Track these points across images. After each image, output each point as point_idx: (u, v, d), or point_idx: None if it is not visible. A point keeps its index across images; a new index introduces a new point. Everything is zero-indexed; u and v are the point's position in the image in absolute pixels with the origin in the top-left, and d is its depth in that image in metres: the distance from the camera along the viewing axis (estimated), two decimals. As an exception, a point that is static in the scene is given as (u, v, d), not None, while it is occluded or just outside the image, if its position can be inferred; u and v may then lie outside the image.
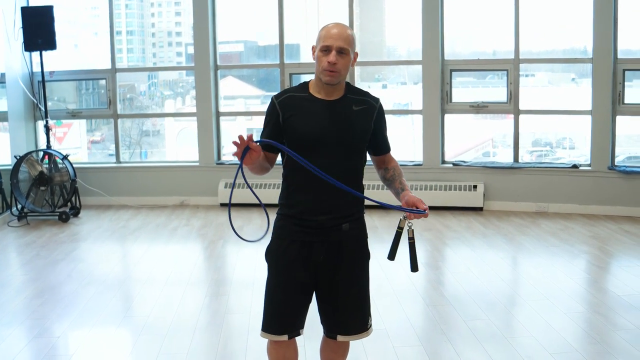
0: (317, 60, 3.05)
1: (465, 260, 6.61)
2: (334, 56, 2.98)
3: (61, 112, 9.76)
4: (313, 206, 3.09)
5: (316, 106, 3.09)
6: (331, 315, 3.24)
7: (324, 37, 3.02)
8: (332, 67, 2.99)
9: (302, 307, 3.19)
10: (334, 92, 3.10)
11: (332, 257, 3.14)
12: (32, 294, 5.75)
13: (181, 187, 9.40)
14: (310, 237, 3.11)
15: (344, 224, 3.13)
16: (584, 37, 8.54)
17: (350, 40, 3.03)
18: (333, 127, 3.05)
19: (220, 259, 7.06)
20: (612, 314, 5.06)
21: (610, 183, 8.33)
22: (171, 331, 4.88)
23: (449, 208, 8.61)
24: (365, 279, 3.27)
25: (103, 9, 9.74)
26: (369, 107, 3.15)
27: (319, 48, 3.03)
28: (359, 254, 3.25)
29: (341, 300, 3.19)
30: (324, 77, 3.03)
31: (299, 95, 3.13)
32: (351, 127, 3.07)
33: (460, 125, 9.33)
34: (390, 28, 10.00)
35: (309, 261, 3.12)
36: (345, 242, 3.16)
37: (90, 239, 7.74)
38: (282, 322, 3.15)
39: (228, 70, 9.83)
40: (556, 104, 9.05)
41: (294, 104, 3.10)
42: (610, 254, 6.81)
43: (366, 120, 3.13)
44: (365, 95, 3.19)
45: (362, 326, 3.25)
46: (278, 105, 3.10)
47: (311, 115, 3.07)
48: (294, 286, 3.12)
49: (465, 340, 4.63)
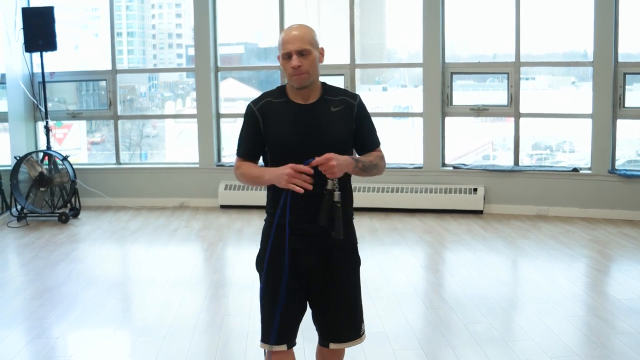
0: (283, 67, 3.01)
1: (465, 263, 6.60)
2: (296, 60, 2.94)
3: (61, 113, 9.75)
4: (301, 213, 3.01)
5: (294, 111, 3.04)
6: (323, 323, 3.20)
7: (283, 43, 2.99)
8: (298, 70, 2.95)
9: (297, 316, 3.16)
10: (311, 95, 3.06)
11: (321, 264, 3.10)
12: (31, 295, 5.74)
13: (181, 188, 9.39)
14: (299, 244, 3.06)
15: (332, 231, 3.02)
16: (584, 40, 8.55)
17: (309, 39, 2.99)
18: (313, 131, 3.01)
19: (220, 260, 7.05)
20: (612, 317, 5.05)
21: (611, 187, 8.32)
22: (170, 333, 4.87)
23: (449, 211, 8.60)
24: (356, 286, 3.22)
25: (103, 10, 9.74)
26: (347, 106, 3.09)
27: (282, 56, 3.00)
28: (349, 261, 3.20)
29: (332, 308, 3.15)
30: (294, 82, 2.99)
31: (277, 100, 3.08)
32: (332, 129, 3.03)
33: (460, 128, 9.33)
34: (391, 31, 10.00)
35: (298, 269, 3.08)
36: (334, 249, 3.10)
37: (90, 240, 7.73)
38: (280, 332, 3.09)
39: (228, 72, 9.83)
40: (556, 107, 9.04)
41: (272, 110, 3.06)
42: (610, 257, 6.80)
43: (347, 120, 3.07)
44: (343, 94, 3.13)
45: (354, 333, 3.21)
46: (257, 111, 3.07)
47: (291, 121, 3.02)
48: (286, 295, 3.05)
49: (465, 344, 4.62)
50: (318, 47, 3.04)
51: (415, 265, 6.62)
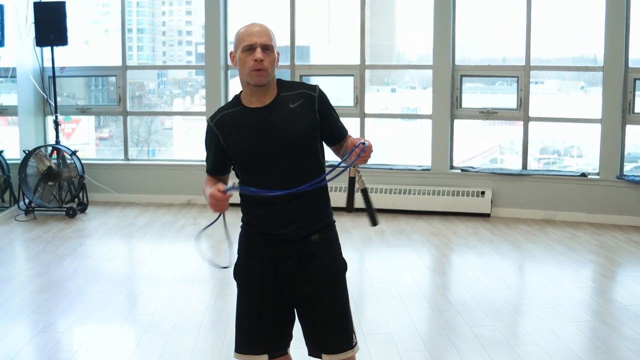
0: (241, 63, 2.83)
1: (471, 266, 6.59)
2: (260, 53, 2.77)
3: (70, 107, 9.77)
4: (275, 217, 2.89)
5: (252, 118, 2.87)
6: (311, 334, 2.98)
7: (245, 35, 2.81)
8: (260, 65, 2.78)
9: (278, 326, 3.01)
10: (266, 95, 2.89)
11: (303, 272, 2.93)
12: (37, 289, 5.76)
13: (189, 186, 9.38)
14: (278, 252, 2.93)
15: (313, 235, 2.92)
16: (594, 45, 8.53)
17: (272, 37, 2.84)
18: (274, 135, 2.83)
19: (226, 258, 7.04)
20: (618, 323, 5.04)
21: (619, 192, 8.30)
22: (176, 330, 4.88)
23: (456, 214, 8.59)
24: (343, 293, 3.01)
25: (114, 6, 9.76)
26: (307, 99, 2.90)
27: (241, 49, 2.81)
28: (333, 267, 2.99)
29: (320, 318, 2.94)
30: (252, 79, 2.81)
31: (232, 110, 2.93)
32: (293, 127, 2.84)
33: (468, 130, 9.32)
34: (401, 32, 9.99)
35: (279, 278, 2.95)
36: (316, 255, 2.93)
37: (97, 235, 7.75)
38: (255, 341, 3.01)
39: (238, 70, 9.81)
40: (565, 111, 9.02)
41: (229, 122, 2.91)
42: (617, 263, 6.79)
43: (308, 114, 2.88)
44: (300, 87, 2.95)
45: (346, 344, 2.96)
46: (215, 127, 2.94)
47: (249, 130, 2.86)
48: (264, 305, 2.96)
49: (470, 347, 4.62)
50: (277, 50, 2.89)
51: (421, 267, 6.62)
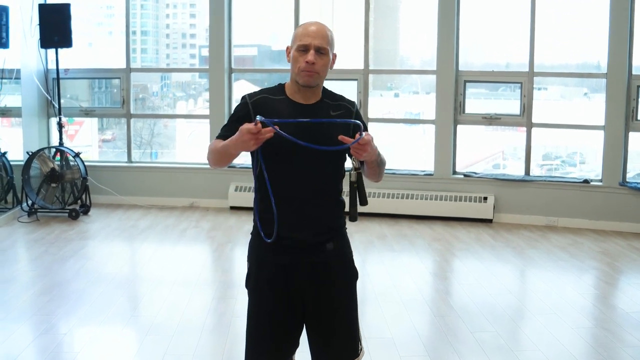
0: (293, 60, 2.81)
1: (473, 271, 6.60)
2: (312, 55, 2.76)
3: (74, 109, 9.79)
4: (293, 221, 2.81)
5: (295, 110, 2.84)
6: (321, 344, 2.94)
7: (301, 35, 2.80)
8: (310, 68, 2.77)
9: (289, 335, 2.94)
10: (312, 96, 2.88)
11: (317, 281, 2.89)
12: (39, 290, 5.77)
13: (191, 189, 9.40)
14: (292, 259, 2.86)
15: (327, 242, 2.89)
16: (598, 52, 8.53)
17: (330, 40, 2.82)
18: (312, 133, 2.76)
19: (229, 261, 7.07)
20: (620, 330, 5.04)
21: (621, 199, 8.30)
22: (178, 332, 4.89)
23: (458, 219, 8.58)
24: (354, 302, 2.99)
25: (118, 9, 9.79)
26: (346, 112, 2.92)
27: (295, 47, 2.80)
28: (347, 276, 2.98)
29: (330, 327, 2.92)
30: (301, 79, 2.80)
31: (276, 98, 2.88)
32: (331, 133, 2.78)
33: (471, 136, 9.32)
34: (405, 37, 10.00)
35: (290, 287, 2.88)
36: (330, 263, 2.90)
37: (100, 237, 7.76)
38: (266, 352, 2.92)
39: (241, 73, 9.84)
40: (568, 118, 9.03)
41: (268, 107, 2.83)
42: (619, 270, 6.78)
43: (345, 126, 2.86)
44: (342, 100, 2.97)
45: (353, 353, 2.95)
46: (251, 105, 2.87)
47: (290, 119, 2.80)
48: (276, 315, 2.88)
49: (471, 352, 4.62)
50: (333, 51, 2.88)
51: (423, 272, 6.62)
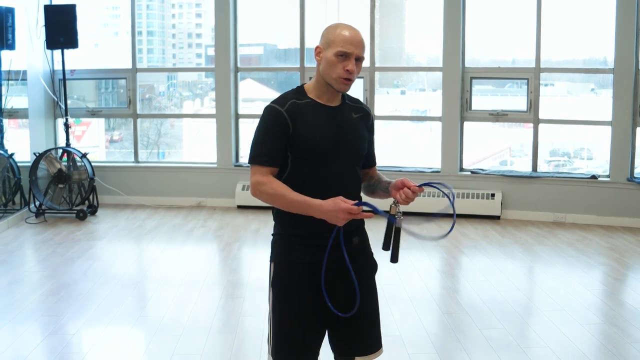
0: (330, 64, 2.78)
1: (481, 268, 6.59)
2: (352, 64, 2.77)
3: (81, 110, 9.82)
4: (323, 221, 2.75)
5: (322, 113, 2.84)
6: (349, 338, 2.94)
7: (343, 41, 2.77)
8: (350, 76, 2.78)
9: (316, 334, 2.94)
10: (335, 98, 2.89)
11: (343, 275, 2.87)
12: (48, 291, 5.78)
13: (199, 188, 9.41)
14: (318, 256, 2.82)
15: (353, 238, 2.90)
16: (605, 47, 8.50)
17: (364, 48, 2.84)
18: (341, 135, 2.84)
19: (236, 261, 7.07)
20: (628, 326, 5.02)
21: (629, 195, 8.26)
22: (186, 332, 4.89)
23: (466, 216, 8.57)
24: (376, 293, 3.04)
25: (124, 9, 9.80)
26: (365, 115, 2.98)
27: (335, 52, 2.77)
28: (370, 268, 3.02)
29: (357, 321, 2.91)
30: (337, 85, 2.80)
31: (302, 102, 2.84)
32: (356, 136, 2.89)
33: (478, 133, 9.30)
34: (410, 34, 9.98)
35: (317, 284, 2.86)
36: (355, 258, 2.88)
37: (107, 237, 7.78)
38: (295, 353, 2.95)
39: (247, 72, 9.84)
40: (575, 113, 8.99)
41: (299, 112, 2.81)
42: (627, 266, 6.76)
43: (364, 128, 2.95)
44: (360, 103, 3.02)
45: (378, 344, 2.99)
46: (286, 113, 2.79)
47: (318, 123, 2.82)
48: (304, 313, 2.90)
49: (480, 349, 4.61)
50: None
51: (431, 269, 6.61)
